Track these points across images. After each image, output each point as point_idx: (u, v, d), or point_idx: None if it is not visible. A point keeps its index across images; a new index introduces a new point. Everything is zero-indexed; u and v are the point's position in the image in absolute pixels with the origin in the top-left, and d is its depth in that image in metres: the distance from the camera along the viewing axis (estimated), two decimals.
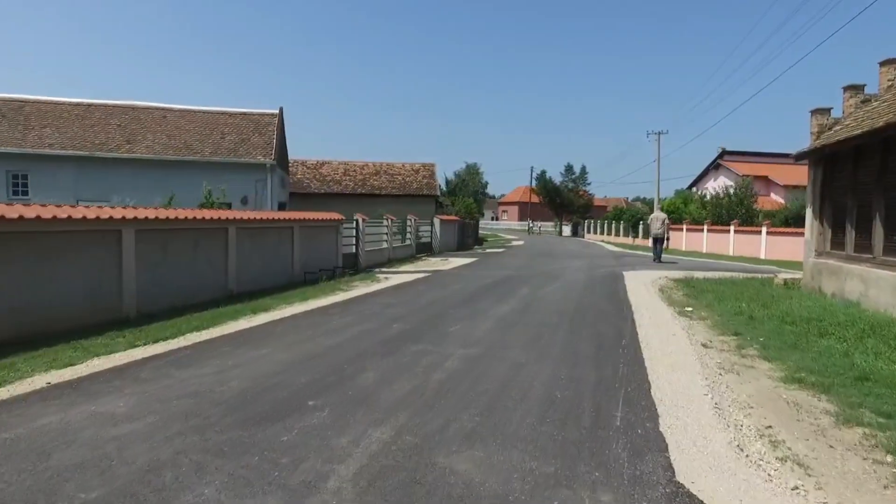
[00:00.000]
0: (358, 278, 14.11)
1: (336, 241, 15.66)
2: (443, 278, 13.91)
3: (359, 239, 16.90)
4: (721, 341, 7.20)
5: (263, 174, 20.62)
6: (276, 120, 22.52)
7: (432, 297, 10.42)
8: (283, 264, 13.13)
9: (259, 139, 21.51)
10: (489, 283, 12.49)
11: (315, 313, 8.58)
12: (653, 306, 9.79)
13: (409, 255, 21.25)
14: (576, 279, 13.75)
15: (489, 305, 9.16)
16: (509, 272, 15.39)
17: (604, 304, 9.67)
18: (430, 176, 34.90)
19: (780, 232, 26.71)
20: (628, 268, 17.32)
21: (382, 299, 10.09)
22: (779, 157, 50.42)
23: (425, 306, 9.21)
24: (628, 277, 14.40)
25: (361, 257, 16.89)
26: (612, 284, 12.84)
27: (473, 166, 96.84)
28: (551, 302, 9.66)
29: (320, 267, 14.39)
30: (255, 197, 20.79)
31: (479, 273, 15.12)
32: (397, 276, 14.64)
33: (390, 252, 19.31)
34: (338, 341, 6.52)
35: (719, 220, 32.55)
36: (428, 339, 6.61)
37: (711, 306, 10.01)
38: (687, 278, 14.34)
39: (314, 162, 35.12)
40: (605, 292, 11.34)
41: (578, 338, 6.77)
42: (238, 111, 22.86)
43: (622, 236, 43.95)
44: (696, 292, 11.88)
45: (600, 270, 16.19)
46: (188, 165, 19.86)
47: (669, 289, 12.73)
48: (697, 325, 8.34)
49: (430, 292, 11.06)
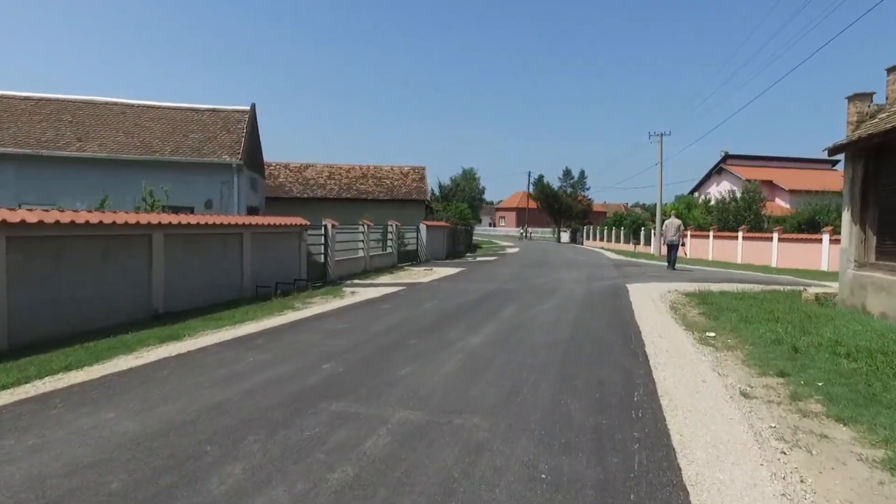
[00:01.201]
0: (321, 293, 12.20)
1: (299, 249, 13.74)
2: (417, 293, 12.00)
3: (328, 247, 14.99)
4: (765, 386, 5.29)
5: (229, 175, 18.71)
6: (246, 117, 20.64)
7: (395, 319, 8.49)
8: (230, 277, 11.22)
9: (227, 137, 19.63)
10: (470, 301, 10.56)
11: (232, 345, 6.65)
12: (667, 331, 7.87)
13: (389, 264, 19.33)
14: (572, 295, 11.83)
15: (461, 334, 7.23)
16: (497, 285, 13.47)
17: (606, 330, 7.73)
18: (419, 179, 33.05)
19: (792, 238, 24.82)
20: (632, 279, 15.41)
21: (332, 323, 8.16)
22: (784, 161, 48.87)
23: (380, 334, 7.28)
24: (633, 291, 12.49)
25: (331, 268, 14.98)
26: (615, 301, 10.92)
27: (470, 171, 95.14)
28: (540, 328, 7.71)
29: (278, 279, 12.48)
30: (221, 200, 18.87)
31: (461, 287, 13.19)
32: (368, 290, 12.72)
33: (367, 262, 17.40)
34: (227, 396, 4.60)
35: (726, 226, 30.69)
36: (360, 392, 4.69)
37: (738, 330, 8.11)
38: (700, 292, 12.44)
39: (297, 165, 33.31)
40: (608, 313, 9.41)
41: (571, 390, 4.83)
42: (206, 107, 20.98)
43: (623, 243, 42.08)
44: (715, 310, 9.99)
45: (601, 283, 14.27)
46: (146, 165, 17.96)
47: (682, 305, 10.83)
48: (727, 358, 6.43)
49: (395, 313, 9.13)
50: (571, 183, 61.30)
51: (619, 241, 43.23)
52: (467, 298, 10.87)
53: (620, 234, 43.12)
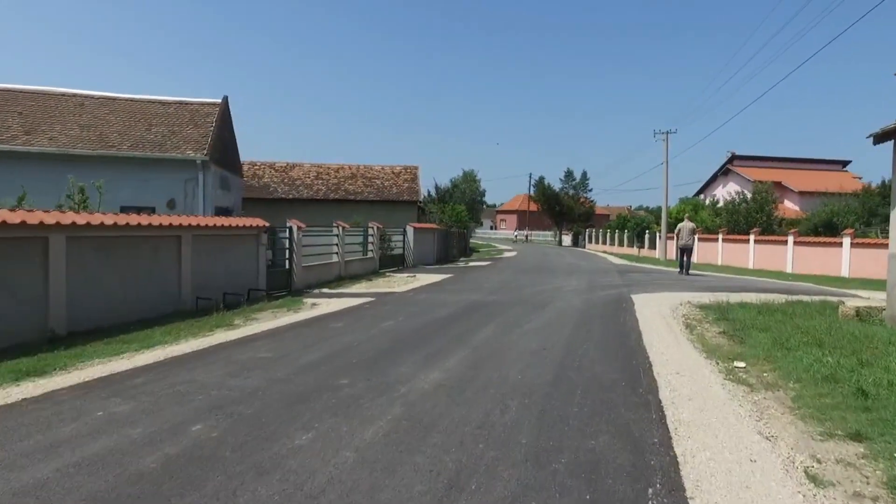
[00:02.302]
0: (275, 305, 10.49)
1: (256, 254, 12.03)
2: (384, 307, 10.25)
3: (293, 252, 13.27)
4: (840, 461, 3.57)
5: (194, 172, 17.02)
6: (217, 110, 18.97)
7: (338, 345, 6.75)
8: (165, 287, 9.51)
9: (194, 132, 17.96)
10: (442, 318, 8.81)
11: (99, 386, 4.92)
12: (685, 363, 6.11)
13: (369, 270, 17.60)
14: (568, 309, 10.06)
15: (412, 369, 5.47)
16: (481, 296, 11.71)
17: (606, 363, 5.96)
18: (412, 180, 31.38)
19: (809, 242, 23.00)
20: (638, 287, 13.64)
21: (255, 350, 6.42)
22: (793, 161, 47.01)
23: (307, 368, 5.54)
24: (640, 304, 10.73)
25: (296, 275, 13.26)
26: (619, 317, 9.16)
27: (470, 173, 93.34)
28: (518, 361, 5.94)
29: (230, 289, 10.77)
30: (185, 200, 17.19)
31: (439, 298, 11.44)
32: (331, 302, 11.00)
33: (341, 268, 15.67)
34: (23, 483, 2.88)
35: (736, 229, 28.89)
36: (207, 489, 2.94)
37: (774, 359, 6.37)
38: (716, 304, 10.68)
39: (283, 164, 31.72)
40: (609, 335, 7.64)
41: (546, 485, 3.06)
42: (173, 100, 19.33)
43: (626, 247, 40.28)
44: (739, 329, 8.24)
45: (602, 293, 12.50)
46: (101, 161, 16.28)
47: (698, 322, 9.08)
48: (770, 405, 4.70)
49: (344, 335, 7.38)
50: (573, 184, 59.35)
51: (622, 245, 41.42)
52: (440, 314, 9.12)
53: (624, 238, 41.32)
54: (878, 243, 20.39)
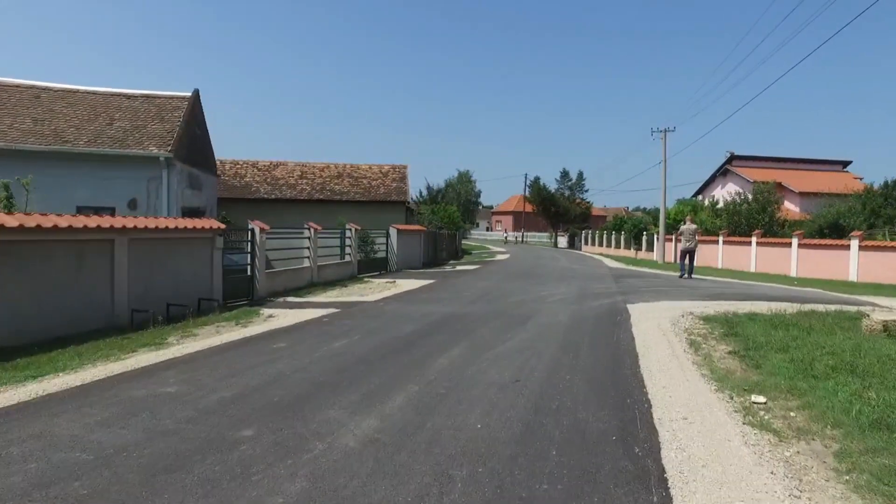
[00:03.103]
0: (225, 318, 9.28)
1: (210, 259, 10.80)
2: (345, 321, 9.02)
3: (255, 256, 12.04)
4: None
5: (158, 170, 15.78)
6: (185, 104, 17.74)
7: (268, 375, 5.52)
8: (92, 299, 8.28)
9: (159, 127, 16.72)
10: (403, 337, 7.58)
11: None
12: (692, 399, 4.91)
13: (346, 275, 16.37)
14: (553, 324, 8.84)
15: (343, 414, 4.21)
16: (458, 307, 10.49)
17: (593, 404, 4.70)
18: (400, 179, 30.16)
19: (815, 245, 21.85)
20: (635, 296, 12.45)
21: (159, 384, 5.18)
22: (793, 162, 45.91)
23: (206, 413, 4.31)
24: (637, 316, 9.53)
25: (259, 282, 12.03)
26: (612, 334, 7.96)
27: (465, 174, 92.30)
28: (482, 399, 4.68)
29: (176, 299, 9.54)
30: (148, 199, 15.94)
31: (411, 309, 10.22)
32: (290, 314, 9.78)
33: (313, 273, 14.44)
34: None
35: (737, 231, 27.76)
36: None
37: (799, 390, 5.21)
38: (723, 315, 9.51)
39: (266, 163, 30.50)
40: (600, 360, 6.43)
41: None
42: (139, 93, 18.10)
43: (623, 249, 39.13)
44: (751, 348, 7.08)
45: (594, 303, 11.30)
46: (55, 158, 15.06)
47: (703, 338, 7.90)
48: (811, 468, 3.53)
49: (279, 361, 6.14)
50: (569, 185, 58.04)
51: (619, 247, 40.27)
52: (404, 330, 7.89)
53: (621, 240, 40.16)
54: (889, 246, 19.28)
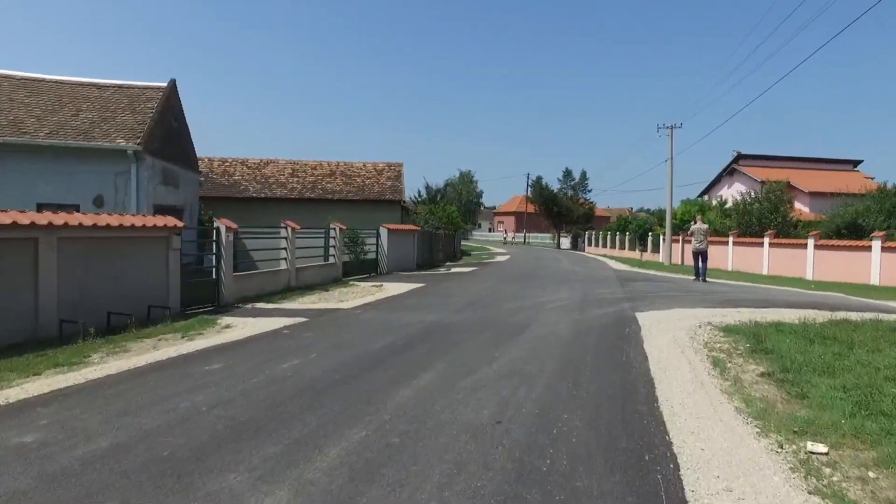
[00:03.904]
0: (176, 328, 8.07)
1: (166, 261, 9.59)
2: (308, 333, 7.80)
3: (220, 258, 10.83)
4: None
5: (126, 165, 14.61)
6: (160, 95, 16.57)
7: (173, 414, 4.30)
8: (10, 308, 7.08)
9: (130, 119, 15.55)
10: (372, 354, 6.35)
11: None
12: (731, 452, 3.67)
13: (330, 278, 15.14)
14: (551, 337, 7.59)
15: (243, 484, 2.99)
16: (444, 316, 9.25)
17: (598, 464, 3.42)
18: (395, 178, 28.95)
19: (832, 246, 20.54)
20: (643, 302, 11.19)
21: (19, 430, 3.98)
22: (801, 161, 44.53)
23: (46, 483, 3.10)
24: (648, 326, 8.28)
25: (226, 286, 10.81)
26: (620, 352, 6.71)
27: (467, 174, 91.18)
28: (446, 455, 3.37)
29: (119, 307, 8.33)
30: (116, 196, 14.76)
31: (390, 318, 8.98)
32: (252, 324, 8.56)
33: (291, 276, 13.21)
34: None
35: (748, 231, 26.45)
36: None
37: (868, 434, 4.02)
38: (745, 325, 8.26)
39: (256, 161, 29.37)
40: (606, 390, 5.17)
41: None
42: (111, 83, 16.94)
43: (628, 250, 37.84)
44: (788, 367, 5.88)
45: (599, 311, 10.04)
46: (14, 151, 13.91)
47: (727, 354, 6.68)
48: None
49: (201, 391, 4.92)
50: (572, 185, 56.71)
51: (623, 248, 38.96)
52: (374, 346, 6.66)
53: (625, 241, 38.85)
54: None
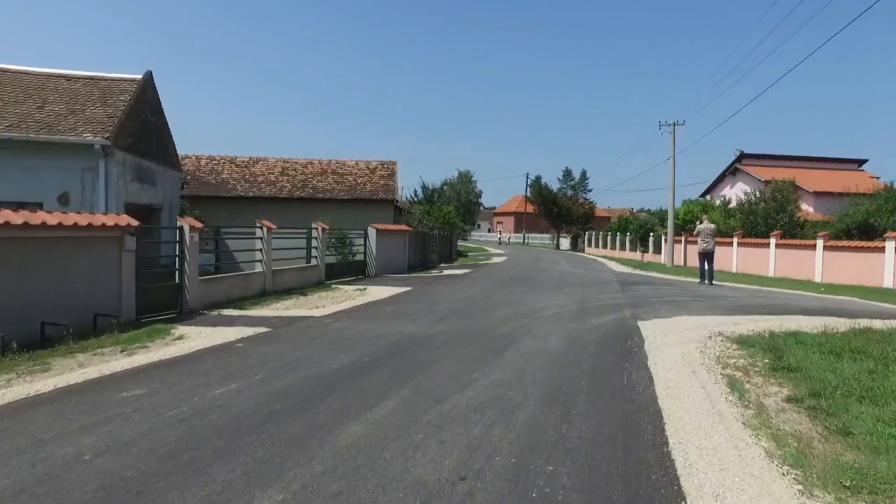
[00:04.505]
0: (118, 341, 7.15)
1: (119, 265, 8.65)
2: (264, 348, 6.86)
3: (184, 261, 9.90)
4: None
5: (94, 160, 13.68)
6: (134, 87, 15.65)
7: (51, 465, 3.38)
8: None
9: (100, 112, 14.63)
10: (329, 375, 5.40)
11: None
12: None
13: (312, 281, 14.19)
14: (541, 351, 6.65)
15: None
16: (425, 326, 8.31)
17: None
18: (388, 176, 28.03)
19: (843, 247, 19.59)
20: (647, 308, 10.25)
21: None
22: (805, 160, 43.57)
23: None
24: (653, 338, 7.34)
25: (189, 291, 9.88)
26: (621, 370, 5.77)
27: (466, 174, 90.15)
28: None
29: (57, 316, 7.41)
30: (83, 193, 13.84)
31: (363, 329, 8.04)
32: (208, 334, 7.63)
33: (267, 279, 12.27)
34: None
35: (753, 231, 25.52)
36: None
37: None
38: (760, 335, 7.34)
39: (245, 159, 28.47)
40: (604, 420, 4.23)
41: None
42: (82, 74, 16.02)
43: (628, 251, 36.89)
44: (819, 392, 4.97)
45: (597, 319, 9.10)
46: None
47: (744, 372, 5.76)
48: None
49: (91, 431, 3.97)
50: (572, 185, 55.71)
51: (624, 249, 38.02)
52: (331, 365, 5.72)
53: (626, 241, 37.90)
54: None
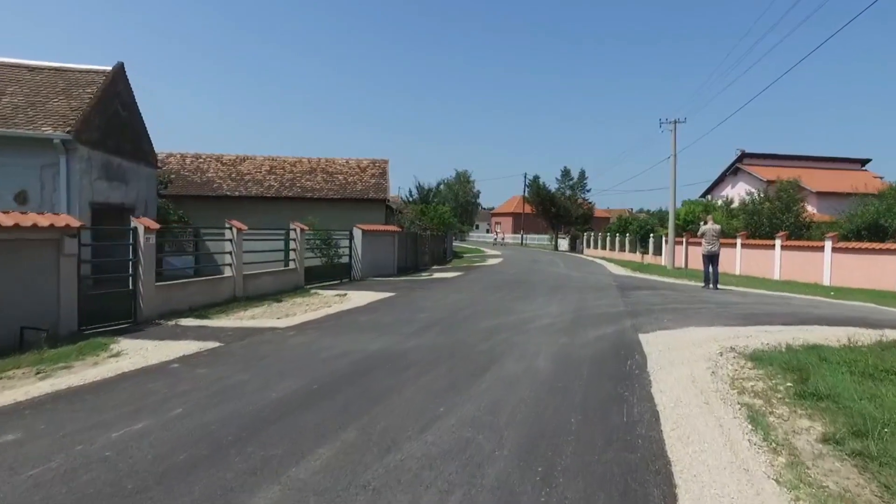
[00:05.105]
0: (42, 359, 6.23)
1: (56, 270, 7.70)
2: (204, 369, 5.91)
3: (138, 265, 8.94)
4: None
5: (55, 156, 12.74)
6: (102, 79, 14.71)
7: None
8: None
9: (63, 104, 13.69)
10: (266, 407, 4.46)
11: None
12: None
13: (290, 285, 13.23)
14: (526, 375, 5.70)
15: None
16: (398, 339, 7.36)
17: None
18: (380, 175, 27.10)
19: (853, 248, 18.67)
20: (648, 318, 9.31)
21: None
22: (808, 160, 42.62)
23: None
24: (657, 356, 6.41)
25: (143, 298, 8.92)
26: (621, 401, 4.84)
27: (464, 174, 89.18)
28: None
29: None
30: (43, 192, 12.89)
31: (328, 343, 7.08)
32: (152, 350, 6.69)
33: (237, 284, 11.30)
34: None
35: (757, 232, 24.61)
36: None
37: None
38: (777, 350, 6.42)
39: (232, 157, 27.56)
40: (595, 485, 3.30)
41: None
42: (46, 65, 15.09)
43: (628, 252, 35.97)
44: (861, 430, 4.02)
45: (594, 332, 8.14)
46: None
47: (766, 401, 4.85)
48: None
49: None
50: (570, 184, 54.70)
51: (623, 250, 37.08)
52: (271, 395, 4.76)
53: (625, 242, 36.96)
54: None
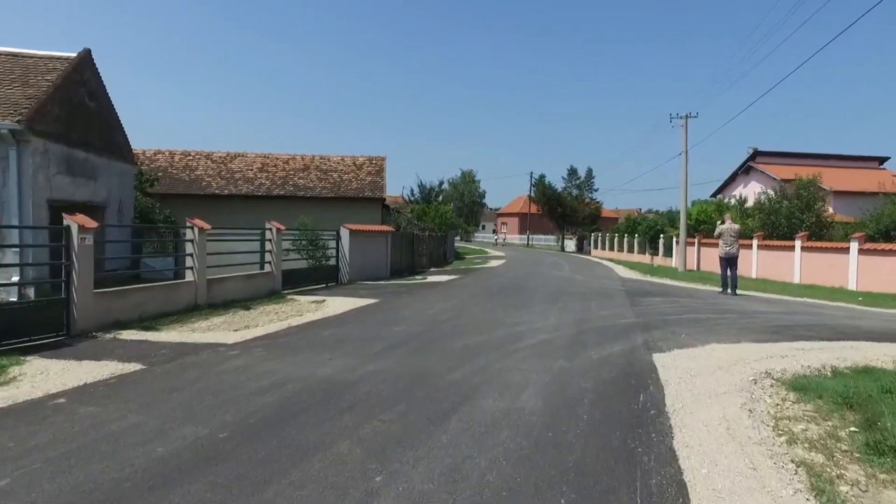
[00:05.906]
0: None
1: None
2: (96, 404, 4.66)
3: (71, 269, 7.71)
4: None
5: (3, 149, 11.59)
6: (65, 66, 13.56)
7: None
8: None
9: (18, 93, 12.53)
10: (151, 466, 3.29)
11: None
12: None
13: (264, 291, 11.97)
14: (506, 420, 4.41)
15: None
16: (352, 363, 6.04)
17: None
18: (376, 173, 25.91)
19: (882, 251, 17.20)
20: (663, 332, 7.98)
21: None
22: (823, 158, 40.98)
23: None
24: (675, 386, 5.11)
25: (79, 307, 7.68)
26: (630, 465, 3.56)
27: (469, 173, 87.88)
28: None
29: None
30: None
31: (269, 369, 5.80)
32: (51, 377, 5.48)
33: (200, 290, 10.04)
34: None
35: (775, 233, 23.15)
36: None
37: None
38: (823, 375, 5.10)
39: (222, 154, 26.47)
40: None
41: None
42: (5, 50, 13.95)
43: (637, 253, 34.54)
44: None
45: (597, 353, 6.81)
46: None
47: (829, 456, 3.54)
48: None
49: None
50: (577, 183, 53.23)
51: (632, 251, 35.65)
52: (156, 452, 3.49)
53: (634, 243, 35.52)
54: None
